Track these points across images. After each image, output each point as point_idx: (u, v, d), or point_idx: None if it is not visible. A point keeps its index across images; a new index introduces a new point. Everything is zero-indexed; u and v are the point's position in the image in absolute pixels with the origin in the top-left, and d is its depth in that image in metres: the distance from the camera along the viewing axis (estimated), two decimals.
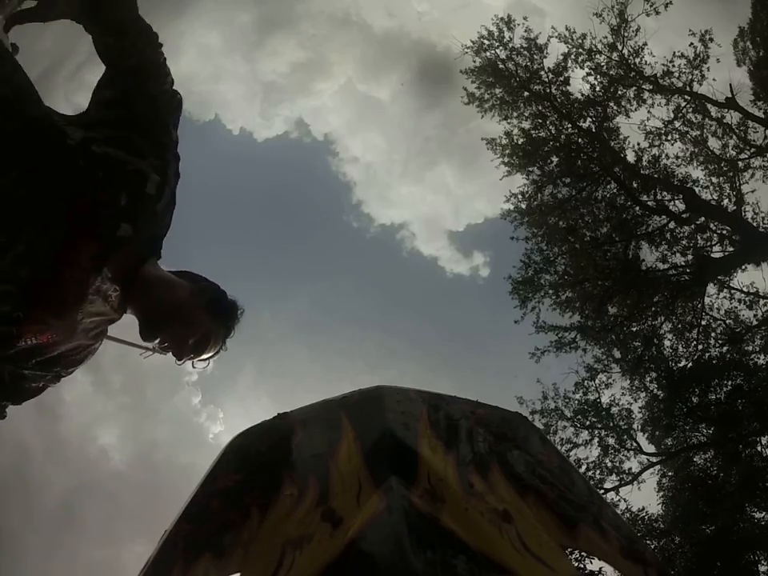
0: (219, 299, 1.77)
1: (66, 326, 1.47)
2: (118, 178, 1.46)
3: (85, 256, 1.40)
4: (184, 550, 0.71)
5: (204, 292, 1.72)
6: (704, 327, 14.19)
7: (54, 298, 1.39)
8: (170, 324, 1.63)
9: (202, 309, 1.69)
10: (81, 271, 1.40)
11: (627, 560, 0.72)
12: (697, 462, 13.56)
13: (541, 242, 14.99)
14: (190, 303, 1.67)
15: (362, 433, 0.78)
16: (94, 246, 1.41)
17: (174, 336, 1.65)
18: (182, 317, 1.65)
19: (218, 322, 1.75)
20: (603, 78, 14.27)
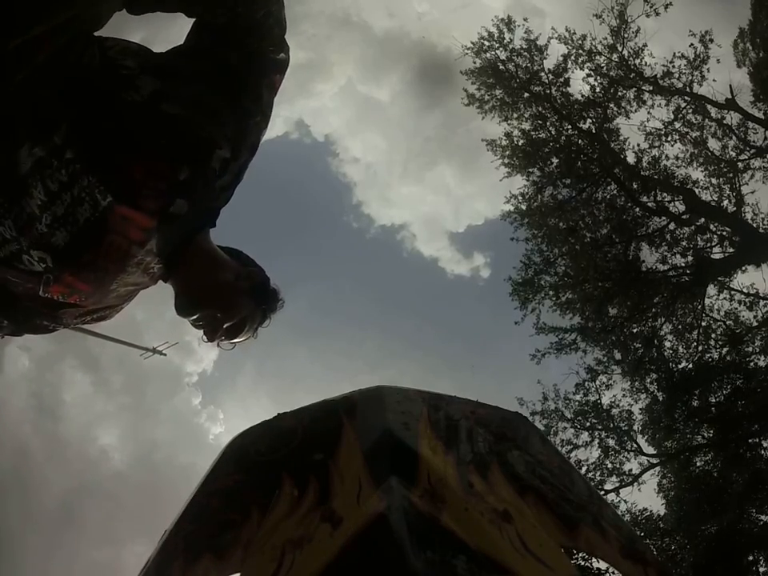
0: (264, 287, 1.70)
1: (98, 294, 1.39)
2: (182, 147, 1.30)
3: (131, 227, 1.28)
4: (184, 550, 0.71)
5: (251, 277, 1.64)
6: (704, 328, 14.19)
7: (89, 267, 1.30)
8: (210, 304, 1.56)
9: (245, 294, 1.62)
10: (124, 242, 1.29)
11: (627, 560, 0.73)
12: (697, 463, 13.56)
13: (541, 243, 15.01)
14: (234, 286, 1.59)
15: (362, 433, 0.78)
16: (143, 218, 1.28)
17: (211, 317, 1.58)
18: (223, 299, 1.57)
19: (257, 310, 1.68)
20: (603, 79, 14.28)
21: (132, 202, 1.25)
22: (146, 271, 1.42)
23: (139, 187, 1.25)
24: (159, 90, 1.28)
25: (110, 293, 1.42)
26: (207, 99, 1.35)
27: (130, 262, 1.34)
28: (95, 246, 1.27)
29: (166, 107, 1.27)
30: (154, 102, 1.26)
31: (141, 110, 1.24)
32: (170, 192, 1.30)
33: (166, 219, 1.32)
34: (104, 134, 1.22)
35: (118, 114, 1.24)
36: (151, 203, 1.27)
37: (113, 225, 1.25)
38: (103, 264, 1.31)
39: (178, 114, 1.28)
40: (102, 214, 1.23)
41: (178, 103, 1.29)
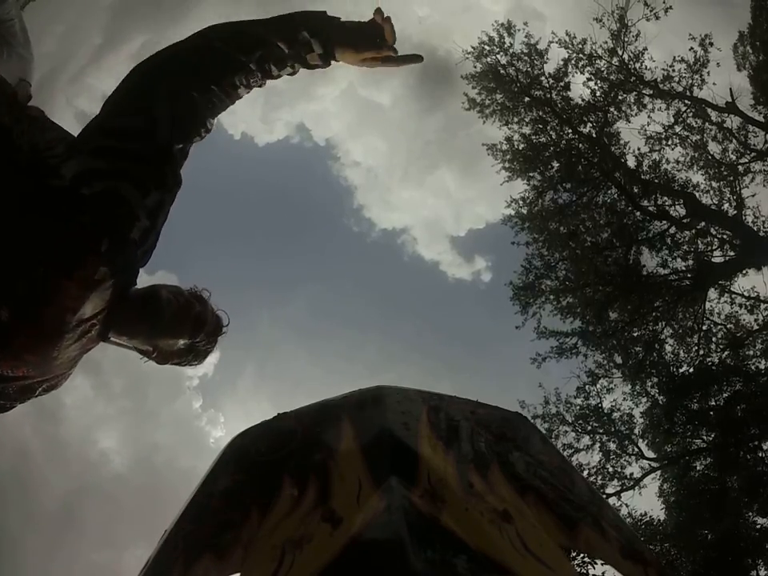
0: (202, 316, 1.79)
1: (42, 362, 1.49)
2: (103, 222, 1.44)
3: (63, 297, 1.41)
4: (184, 550, 0.71)
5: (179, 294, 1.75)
6: (705, 332, 14.18)
7: (30, 337, 1.41)
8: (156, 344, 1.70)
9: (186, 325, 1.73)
10: (59, 311, 1.42)
11: (627, 560, 0.73)
12: (698, 467, 13.54)
13: (542, 248, 15.00)
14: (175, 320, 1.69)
15: (362, 433, 0.78)
16: (72, 287, 1.41)
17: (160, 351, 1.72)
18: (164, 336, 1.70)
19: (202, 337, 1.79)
20: (603, 83, 14.30)
21: (62, 274, 1.39)
22: (85, 334, 1.54)
23: (67, 261, 1.40)
24: (80, 173, 1.42)
25: (54, 360, 1.51)
26: (135, 171, 1.48)
27: (66, 330, 1.46)
28: (36, 319, 1.40)
29: (85, 191, 1.41)
30: (75, 185, 1.40)
31: (62, 194, 1.39)
32: (94, 261, 1.44)
33: (92, 286, 1.46)
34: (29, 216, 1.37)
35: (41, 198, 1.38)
36: (79, 272, 1.42)
37: (48, 298, 1.39)
38: (42, 334, 1.43)
39: (102, 191, 1.42)
40: (39, 289, 1.37)
41: (103, 178, 1.43)
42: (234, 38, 1.55)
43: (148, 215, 1.51)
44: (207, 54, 1.54)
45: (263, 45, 1.55)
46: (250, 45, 1.54)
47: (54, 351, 1.48)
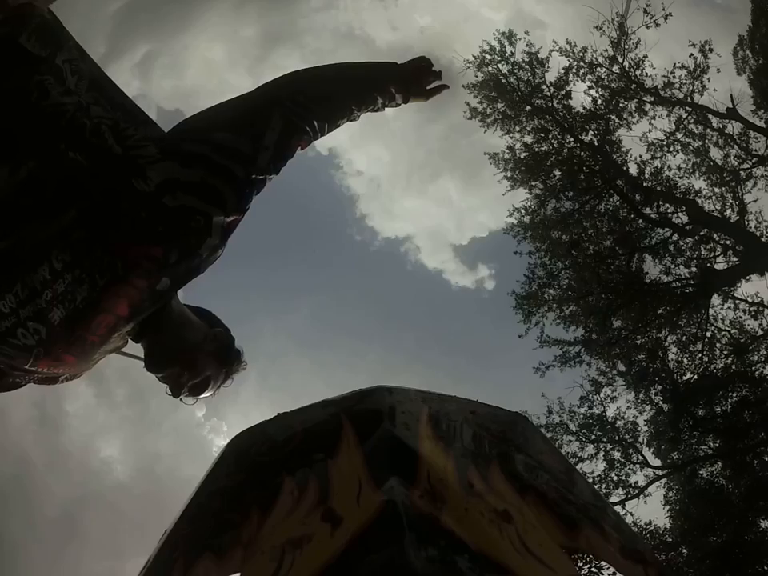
0: (228, 349, 1.79)
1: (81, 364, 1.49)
2: (176, 235, 1.40)
3: (121, 305, 1.38)
4: (184, 549, 0.71)
5: (217, 339, 1.74)
6: (709, 339, 14.14)
7: (79, 341, 1.38)
8: (176, 364, 1.65)
9: (210, 355, 1.71)
10: (113, 319, 1.39)
11: (627, 560, 0.72)
12: (704, 474, 13.47)
13: (544, 257, 14.98)
14: (200, 347, 1.68)
15: (362, 433, 0.78)
16: (132, 295, 1.39)
17: (176, 375, 1.67)
18: (189, 360, 1.67)
19: (221, 371, 1.77)
20: (604, 90, 14.31)
21: (125, 281, 1.36)
22: (124, 338, 1.54)
23: (133, 268, 1.36)
24: (166, 180, 1.37)
25: (90, 362, 1.51)
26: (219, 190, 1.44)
27: (115, 336, 1.45)
28: (87, 324, 1.36)
29: (167, 200, 1.36)
30: (159, 193, 1.36)
31: (146, 199, 1.35)
32: (159, 271, 1.40)
33: (152, 296, 1.43)
34: (109, 220, 1.33)
35: (125, 202, 1.34)
36: (142, 282, 1.38)
37: (105, 304, 1.36)
38: (91, 339, 1.40)
39: (182, 205, 1.38)
40: (98, 294, 1.34)
41: (186, 192, 1.39)
42: (352, 85, 1.71)
43: (220, 234, 1.48)
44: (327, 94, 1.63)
45: (370, 99, 1.71)
46: (363, 95, 1.71)
47: (96, 355, 1.48)
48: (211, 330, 1.74)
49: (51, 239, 1.28)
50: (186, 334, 1.66)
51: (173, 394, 1.70)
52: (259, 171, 1.49)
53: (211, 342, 1.71)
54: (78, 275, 1.30)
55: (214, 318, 1.81)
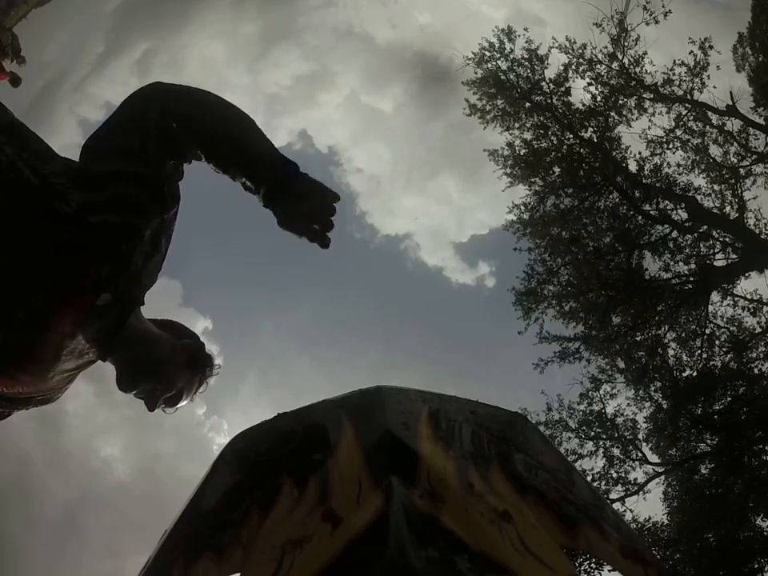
0: (199, 357, 1.79)
1: (37, 382, 1.50)
2: (105, 249, 1.42)
3: (62, 322, 1.40)
4: (184, 549, 0.71)
5: (185, 349, 1.74)
6: (708, 336, 14.15)
7: (26, 360, 1.41)
8: (147, 380, 1.65)
9: (180, 366, 1.71)
10: (57, 336, 1.41)
11: (627, 560, 0.72)
12: (702, 471, 13.49)
13: (544, 253, 14.99)
14: (169, 360, 1.68)
15: (362, 433, 0.78)
16: (72, 313, 1.41)
17: (149, 390, 1.67)
18: (159, 374, 1.66)
19: (194, 378, 1.77)
20: (604, 87, 14.31)
21: (62, 300, 1.38)
22: (82, 356, 1.53)
23: (67, 286, 1.38)
24: (85, 202, 1.39)
25: (49, 380, 1.51)
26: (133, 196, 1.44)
27: (63, 353, 1.46)
28: (31, 343, 1.39)
29: (91, 218, 1.38)
30: (81, 213, 1.38)
31: (69, 220, 1.37)
32: (95, 287, 1.41)
33: (92, 312, 1.44)
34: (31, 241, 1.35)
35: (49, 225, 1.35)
36: (79, 298, 1.40)
37: (45, 322, 1.38)
38: (40, 357, 1.42)
39: (105, 221, 1.39)
40: (36, 314, 1.36)
41: (105, 210, 1.40)
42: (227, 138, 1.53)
43: (150, 239, 1.49)
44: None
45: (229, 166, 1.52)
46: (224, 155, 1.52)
47: (50, 373, 1.48)
48: (179, 342, 1.74)
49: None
50: (153, 349, 1.66)
51: (148, 408, 1.69)
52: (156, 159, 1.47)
53: (180, 353, 1.71)
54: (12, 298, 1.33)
55: (181, 327, 1.82)
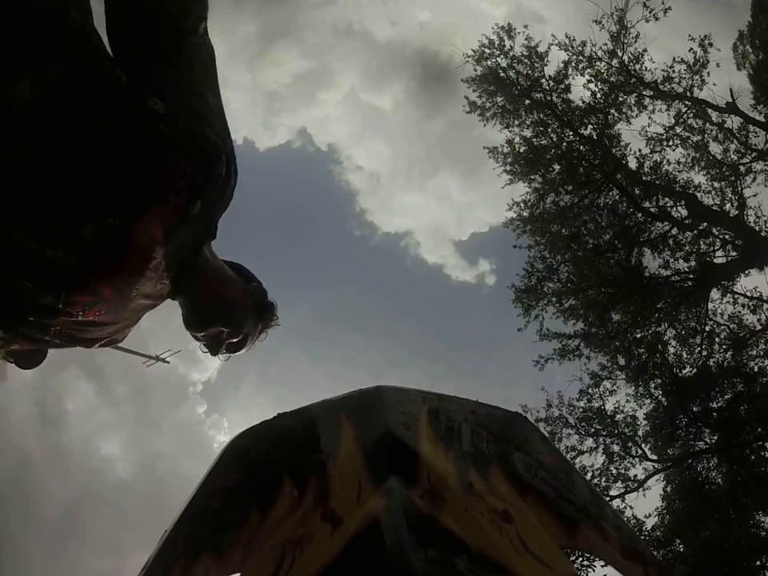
0: (265, 304, 1.75)
1: (117, 303, 1.37)
2: (199, 152, 1.33)
3: (156, 225, 1.29)
4: (184, 549, 0.71)
5: (254, 294, 1.69)
6: (708, 333, 14.17)
7: (114, 265, 1.28)
8: (215, 322, 1.60)
9: (248, 311, 1.67)
10: (149, 240, 1.29)
11: (627, 560, 0.72)
12: (701, 468, 13.52)
13: (544, 251, 15.00)
14: (239, 303, 1.64)
15: (362, 433, 0.78)
16: (167, 216, 1.30)
17: (217, 333, 1.61)
18: (227, 316, 1.61)
19: (257, 326, 1.73)
20: (604, 84, 14.31)
21: (161, 199, 1.27)
22: (161, 280, 1.42)
23: (169, 183, 1.27)
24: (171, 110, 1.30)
25: (129, 303, 1.40)
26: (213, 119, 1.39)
27: (150, 265, 1.33)
28: (121, 244, 1.26)
29: (181, 120, 1.31)
30: (173, 114, 1.29)
31: (164, 118, 1.27)
32: (190, 191, 1.31)
33: (186, 218, 1.34)
34: (134, 133, 1.24)
35: (145, 118, 1.25)
36: (177, 200, 1.29)
37: (140, 223, 1.26)
38: (126, 265, 1.30)
39: (189, 126, 1.32)
40: (133, 210, 1.24)
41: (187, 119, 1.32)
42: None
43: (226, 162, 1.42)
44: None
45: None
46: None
47: (133, 290, 1.36)
48: (248, 285, 1.68)
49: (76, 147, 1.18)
50: (225, 290, 1.60)
51: (211, 353, 1.65)
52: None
53: (249, 298, 1.67)
54: (109, 192, 1.21)
55: (248, 272, 1.75)
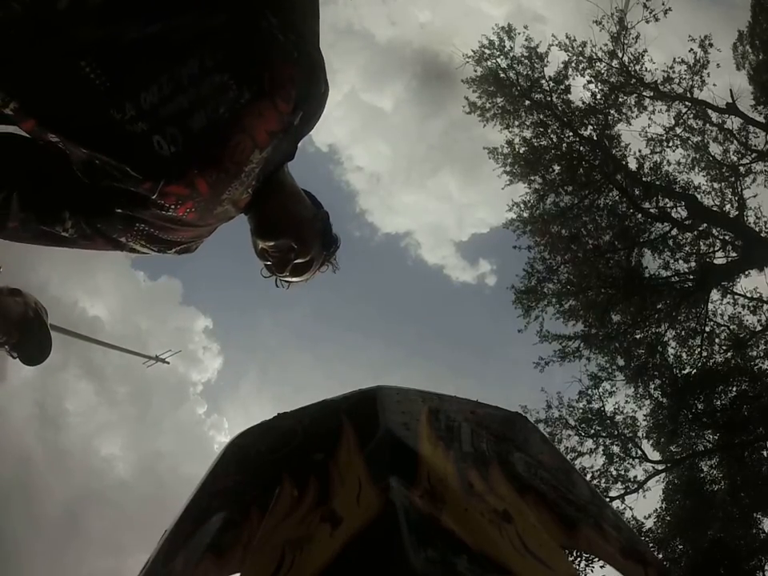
0: (332, 234, 1.74)
1: (209, 202, 1.37)
2: (307, 64, 1.32)
3: (260, 129, 1.28)
4: (184, 549, 0.71)
5: (323, 219, 1.69)
6: (708, 333, 14.18)
7: (214, 163, 1.28)
8: (288, 235, 1.58)
9: (317, 235, 1.66)
10: (250, 143, 1.28)
11: (627, 560, 0.72)
12: (702, 468, 13.53)
13: (544, 251, 15.01)
14: (311, 223, 1.63)
15: (362, 433, 0.78)
16: (274, 119, 1.28)
17: (287, 248, 1.60)
18: (300, 233, 1.60)
19: (322, 254, 1.72)
20: (604, 85, 14.32)
21: (271, 101, 1.26)
22: (247, 189, 1.41)
23: (280, 86, 1.26)
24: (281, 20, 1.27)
25: (217, 205, 1.39)
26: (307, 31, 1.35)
27: (246, 168, 1.33)
28: (226, 141, 1.25)
29: (291, 37, 1.27)
30: (285, 29, 1.26)
31: (277, 28, 1.25)
32: (297, 101, 1.30)
33: (287, 128, 1.34)
34: (255, 31, 1.23)
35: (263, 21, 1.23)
36: (284, 106, 1.28)
37: (246, 122, 1.25)
38: (227, 163, 1.29)
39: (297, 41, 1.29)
40: (242, 107, 1.23)
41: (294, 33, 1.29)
42: None
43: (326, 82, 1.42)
44: None
45: None
46: None
47: (225, 192, 1.35)
48: (319, 210, 1.68)
49: (205, 34, 1.17)
50: (299, 207, 1.60)
51: (276, 270, 1.64)
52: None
53: (319, 221, 1.67)
54: (226, 80, 1.19)
55: (315, 199, 1.73)
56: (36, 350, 2.84)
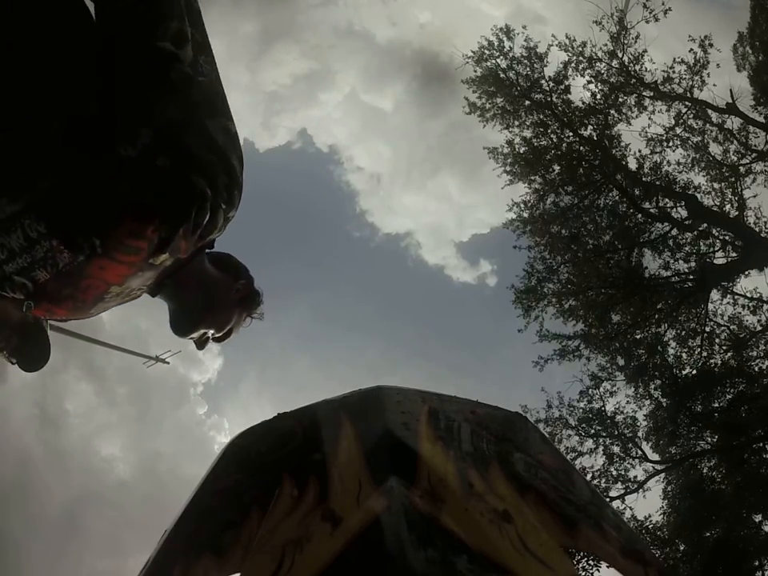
0: (252, 298, 1.73)
1: (77, 317, 1.42)
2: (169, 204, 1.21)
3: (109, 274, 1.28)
4: (184, 549, 0.71)
5: (241, 290, 1.68)
6: (708, 334, 14.17)
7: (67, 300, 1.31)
8: (202, 325, 1.60)
9: (234, 306, 1.66)
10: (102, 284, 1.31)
11: (627, 560, 0.72)
12: (702, 469, 13.52)
13: (544, 251, 15.00)
14: (226, 302, 1.63)
15: (362, 433, 0.78)
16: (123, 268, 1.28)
17: (202, 335, 1.63)
18: (214, 318, 1.62)
19: (242, 318, 1.73)
20: (604, 85, 14.31)
21: (110, 258, 1.23)
22: (128, 297, 1.44)
23: (115, 247, 1.21)
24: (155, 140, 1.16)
25: (90, 315, 1.44)
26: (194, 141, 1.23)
27: (108, 296, 1.36)
28: (75, 286, 1.28)
29: (160, 161, 1.16)
30: (149, 155, 1.15)
31: (133, 165, 1.14)
32: (151, 251, 1.26)
33: (147, 268, 1.32)
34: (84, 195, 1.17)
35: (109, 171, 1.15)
36: (131, 257, 1.25)
37: (91, 273, 1.25)
38: (81, 299, 1.32)
39: (169, 168, 1.17)
40: (80, 265, 1.23)
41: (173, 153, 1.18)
42: None
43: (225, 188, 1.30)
44: None
45: None
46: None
47: (92, 309, 1.38)
48: (235, 284, 1.66)
49: (22, 211, 1.15)
50: (211, 293, 1.59)
51: (198, 348, 1.66)
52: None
53: (236, 295, 1.66)
54: (55, 245, 1.17)
55: (236, 262, 1.71)
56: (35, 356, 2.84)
